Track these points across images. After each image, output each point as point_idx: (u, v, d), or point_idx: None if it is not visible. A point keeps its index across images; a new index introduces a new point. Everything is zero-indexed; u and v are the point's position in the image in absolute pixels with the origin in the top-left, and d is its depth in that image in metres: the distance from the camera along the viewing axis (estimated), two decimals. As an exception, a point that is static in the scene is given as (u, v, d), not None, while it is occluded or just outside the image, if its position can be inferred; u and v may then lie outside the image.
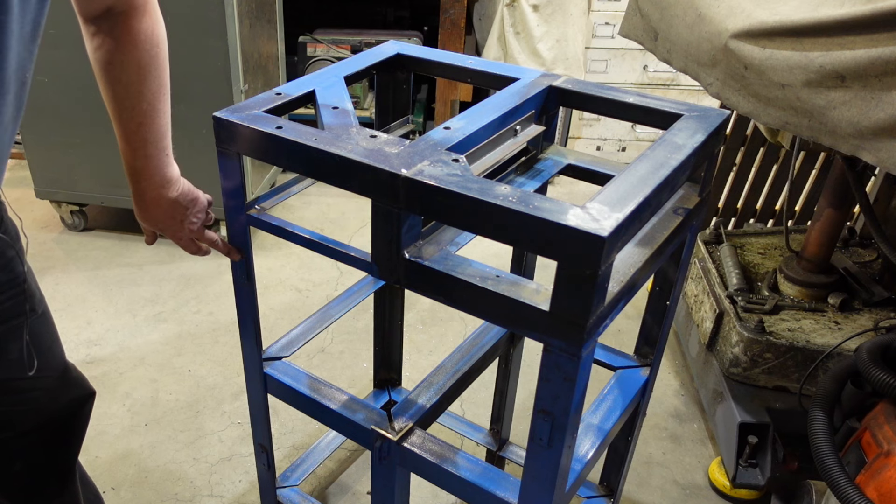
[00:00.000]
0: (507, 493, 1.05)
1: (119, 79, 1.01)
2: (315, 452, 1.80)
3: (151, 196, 1.11)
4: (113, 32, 0.98)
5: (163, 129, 1.07)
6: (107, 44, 0.99)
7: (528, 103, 1.14)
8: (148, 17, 1.00)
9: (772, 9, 1.23)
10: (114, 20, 0.98)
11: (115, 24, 0.98)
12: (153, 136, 1.06)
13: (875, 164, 1.12)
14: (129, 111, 1.03)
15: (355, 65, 1.27)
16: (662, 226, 1.05)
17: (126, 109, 1.03)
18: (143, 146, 1.06)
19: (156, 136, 1.06)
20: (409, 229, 0.94)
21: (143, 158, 1.07)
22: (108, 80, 1.01)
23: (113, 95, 1.02)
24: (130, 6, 0.98)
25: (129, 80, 1.01)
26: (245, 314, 1.27)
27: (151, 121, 1.04)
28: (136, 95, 1.02)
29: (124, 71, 1.00)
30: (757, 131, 2.39)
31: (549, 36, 3.20)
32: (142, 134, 1.05)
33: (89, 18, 0.99)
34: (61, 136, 2.67)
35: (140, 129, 1.04)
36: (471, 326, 2.50)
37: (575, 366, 0.83)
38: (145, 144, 1.06)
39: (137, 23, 0.99)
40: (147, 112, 1.03)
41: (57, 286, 2.63)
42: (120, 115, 1.04)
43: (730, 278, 2.07)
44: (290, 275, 2.77)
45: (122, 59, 0.99)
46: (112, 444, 1.99)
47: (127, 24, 0.98)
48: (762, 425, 1.78)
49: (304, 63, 3.50)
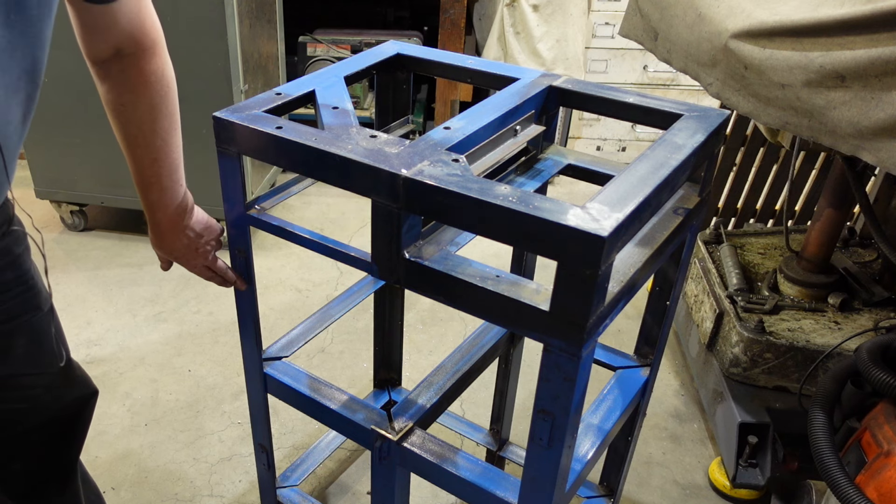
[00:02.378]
0: (507, 493, 1.05)
1: (131, 119, 1.01)
2: (315, 452, 1.80)
3: (167, 226, 1.13)
4: (122, 75, 0.98)
5: (176, 162, 1.08)
6: (117, 86, 0.99)
7: (528, 103, 1.14)
8: (157, 58, 1.00)
9: (772, 9, 1.23)
10: (123, 62, 0.98)
11: (124, 67, 0.98)
12: (167, 169, 1.07)
13: (875, 164, 1.12)
14: (143, 149, 1.04)
15: (355, 65, 1.27)
16: (662, 226, 1.05)
17: (140, 147, 1.04)
18: (158, 180, 1.07)
19: (170, 170, 1.08)
20: (409, 229, 0.94)
21: (159, 192, 1.08)
22: (120, 120, 1.02)
23: (126, 135, 1.03)
24: (139, 48, 0.97)
25: (142, 120, 1.01)
26: (245, 314, 1.27)
27: (165, 156, 1.06)
28: (149, 134, 1.03)
29: (136, 111, 1.01)
30: (757, 131, 2.39)
31: (549, 36, 3.20)
32: (156, 169, 1.06)
33: (98, 62, 0.98)
34: (61, 136, 2.67)
35: (154, 165, 1.06)
36: (471, 326, 2.50)
37: (575, 366, 0.83)
38: (160, 178, 1.07)
39: (147, 64, 0.99)
40: (161, 148, 1.05)
41: (57, 286, 2.62)
42: (134, 153, 1.05)
43: (730, 278, 2.07)
44: (290, 275, 2.77)
45: (134, 100, 1.00)
46: (112, 444, 1.99)
47: (137, 66, 0.98)
48: (762, 425, 1.78)
49: (304, 63, 3.50)
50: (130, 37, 0.95)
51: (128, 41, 0.95)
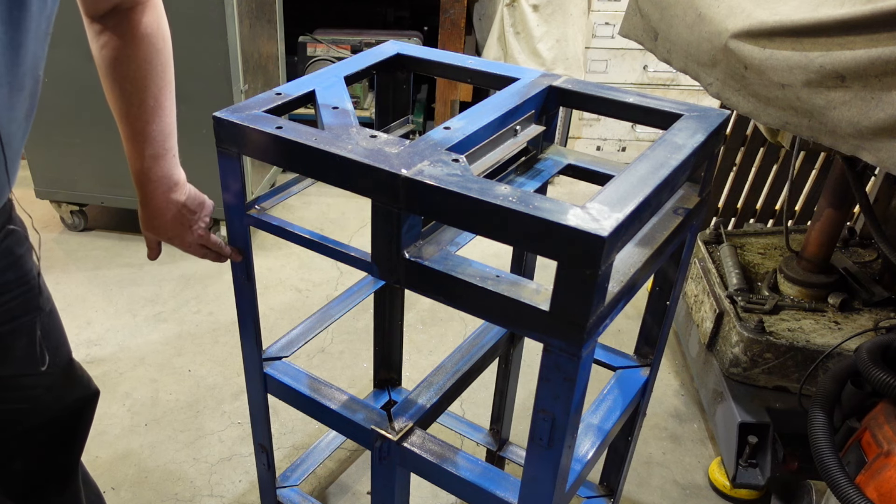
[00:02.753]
0: (507, 493, 1.05)
1: (125, 75, 1.00)
2: (315, 452, 1.80)
3: (160, 201, 1.09)
4: (119, 28, 0.98)
5: (169, 128, 1.06)
6: (113, 40, 0.99)
7: (528, 103, 1.14)
8: (152, 10, 1.00)
9: (772, 9, 1.23)
10: (120, 16, 0.98)
11: (121, 20, 0.98)
12: (160, 134, 1.05)
13: (875, 164, 1.12)
14: (136, 108, 1.02)
15: (355, 65, 1.27)
16: (662, 226, 1.05)
17: (133, 106, 1.02)
18: (150, 145, 1.05)
19: (162, 136, 1.05)
20: (409, 229, 0.94)
21: (151, 159, 1.06)
22: (114, 77, 1.01)
23: (119, 93, 1.02)
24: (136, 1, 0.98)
25: (135, 76, 1.00)
26: (245, 314, 1.27)
27: (158, 118, 1.04)
28: (142, 91, 1.01)
29: (130, 66, 1.00)
30: (757, 131, 2.39)
31: (549, 36, 3.20)
32: (149, 133, 1.04)
33: (96, 17, 0.99)
34: (61, 136, 2.67)
35: (146, 128, 1.03)
36: (471, 326, 2.50)
37: (575, 366, 0.83)
38: (152, 144, 1.05)
39: (143, 17, 0.99)
40: (154, 109, 1.03)
41: (57, 286, 2.62)
42: (126, 114, 1.03)
43: (730, 278, 2.07)
44: (290, 275, 2.77)
45: (129, 53, 0.99)
46: (112, 444, 1.99)
47: (133, 18, 0.98)
48: (762, 425, 1.78)
49: (304, 63, 3.50)
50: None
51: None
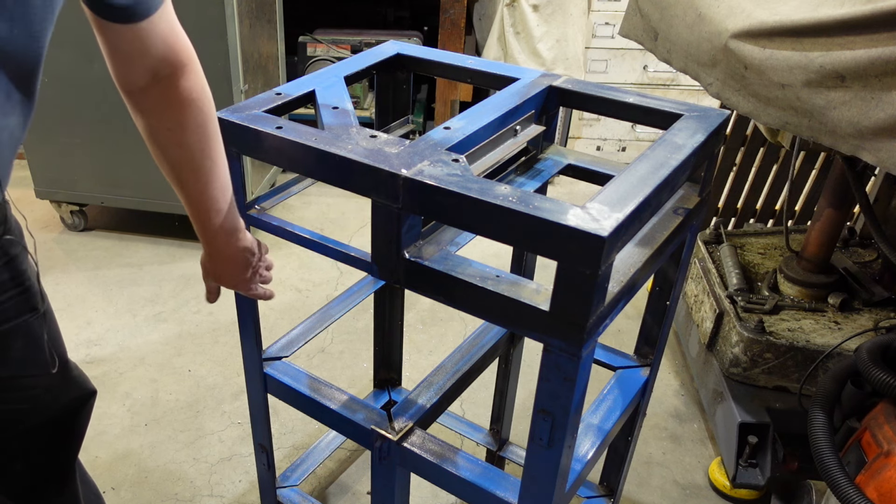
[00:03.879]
0: (507, 493, 1.05)
1: (180, 143, 0.95)
2: (315, 452, 1.80)
3: (231, 251, 1.09)
4: (165, 98, 0.92)
5: (226, 181, 1.03)
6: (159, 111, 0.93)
7: (528, 103, 1.14)
8: (195, 74, 0.94)
9: (772, 9, 1.23)
10: (162, 85, 0.91)
11: (164, 89, 0.91)
12: (221, 192, 1.02)
13: (875, 164, 1.12)
14: (195, 173, 0.98)
15: (355, 65, 1.27)
16: (662, 226, 1.05)
17: (191, 172, 0.98)
18: (214, 204, 1.02)
19: (223, 191, 1.03)
20: (409, 229, 0.94)
21: (217, 215, 1.04)
22: (167, 148, 0.96)
23: (175, 162, 0.97)
24: (178, 66, 0.91)
25: (190, 143, 0.96)
26: (245, 314, 1.27)
27: (217, 178, 1.01)
28: (199, 157, 0.97)
29: (183, 134, 0.95)
30: (757, 131, 2.39)
31: (549, 36, 3.20)
32: (210, 193, 1.01)
33: (135, 90, 0.92)
34: (61, 136, 2.67)
35: (207, 189, 1.00)
36: (471, 326, 2.50)
37: (575, 366, 0.83)
38: (216, 202, 1.02)
39: (187, 82, 0.93)
40: (211, 170, 0.99)
41: (57, 286, 2.62)
42: (185, 180, 0.99)
43: (730, 278, 2.07)
44: (290, 275, 2.77)
45: (180, 122, 0.94)
46: (112, 444, 1.99)
47: (178, 85, 0.92)
48: (762, 425, 1.78)
49: (304, 63, 3.50)
50: (167, 56, 0.88)
51: (165, 61, 0.89)
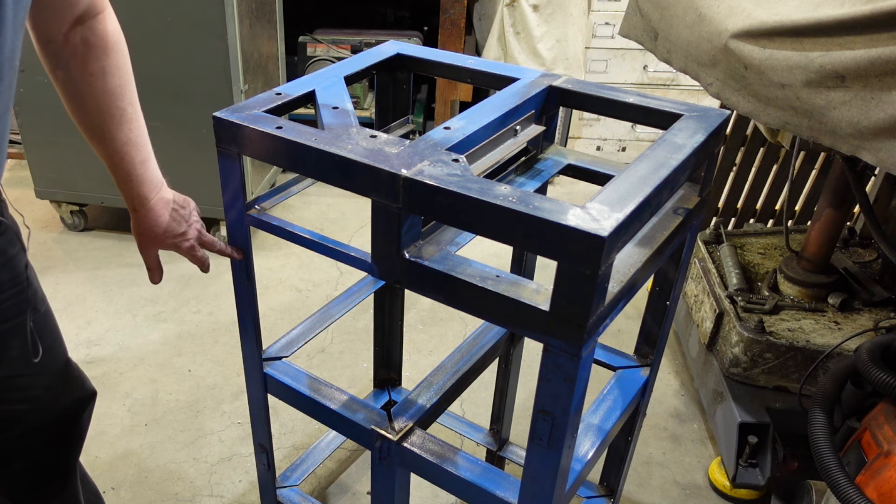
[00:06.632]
0: (507, 493, 1.05)
1: (104, 88, 0.96)
2: (315, 452, 1.80)
3: (155, 202, 1.09)
4: (87, 43, 0.93)
5: (145, 130, 1.04)
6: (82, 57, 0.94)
7: (528, 103, 1.14)
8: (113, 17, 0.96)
9: (772, 9, 1.23)
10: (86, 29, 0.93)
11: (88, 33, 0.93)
12: (143, 138, 1.04)
13: (875, 164, 1.12)
14: (118, 118, 0.99)
15: (355, 65, 1.27)
16: (662, 226, 1.05)
17: (115, 118, 0.99)
18: (139, 151, 1.03)
19: (145, 138, 1.04)
20: (409, 229, 0.94)
21: (142, 164, 1.04)
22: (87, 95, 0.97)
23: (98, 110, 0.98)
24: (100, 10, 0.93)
25: (112, 87, 0.97)
26: (245, 314, 1.27)
27: (138, 123, 1.02)
28: (122, 99, 0.99)
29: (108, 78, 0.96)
30: (757, 131, 2.39)
31: (549, 36, 3.20)
32: (134, 140, 1.02)
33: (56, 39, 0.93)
34: (61, 136, 2.66)
35: (132, 136, 1.02)
36: (471, 326, 2.50)
37: (575, 366, 0.83)
38: (141, 149, 1.04)
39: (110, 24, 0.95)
40: (133, 115, 1.01)
41: (57, 286, 2.63)
42: (107, 130, 1.00)
43: (730, 278, 2.07)
44: (290, 275, 2.77)
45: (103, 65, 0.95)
46: (112, 444, 1.99)
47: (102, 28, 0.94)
48: (762, 425, 1.78)
49: (304, 63, 3.50)
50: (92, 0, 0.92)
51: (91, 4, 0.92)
